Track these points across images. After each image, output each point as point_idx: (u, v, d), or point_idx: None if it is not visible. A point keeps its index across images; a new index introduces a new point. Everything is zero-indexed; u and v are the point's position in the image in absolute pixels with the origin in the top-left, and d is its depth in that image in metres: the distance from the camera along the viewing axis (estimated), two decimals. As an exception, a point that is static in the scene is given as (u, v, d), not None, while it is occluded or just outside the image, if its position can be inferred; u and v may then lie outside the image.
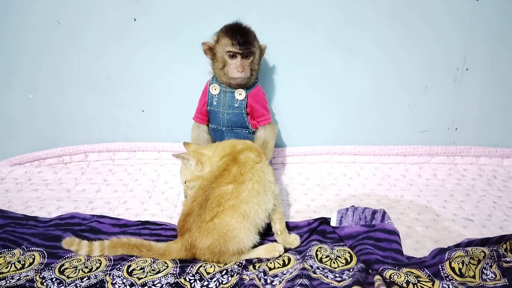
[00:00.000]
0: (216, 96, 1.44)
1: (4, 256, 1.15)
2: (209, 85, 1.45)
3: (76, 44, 1.62)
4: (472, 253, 1.06)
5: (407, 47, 1.64)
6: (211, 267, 1.12)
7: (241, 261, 1.14)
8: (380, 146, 1.72)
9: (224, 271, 1.10)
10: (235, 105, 1.43)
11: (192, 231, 1.12)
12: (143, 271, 1.10)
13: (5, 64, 1.65)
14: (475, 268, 1.06)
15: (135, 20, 1.58)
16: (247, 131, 1.46)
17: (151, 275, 1.09)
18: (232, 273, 1.09)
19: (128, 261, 1.15)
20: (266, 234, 1.24)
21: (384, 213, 1.23)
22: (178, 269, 1.12)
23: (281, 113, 1.72)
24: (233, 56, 1.36)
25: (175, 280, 1.07)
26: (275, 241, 1.24)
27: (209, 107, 1.46)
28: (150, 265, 1.13)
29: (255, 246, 1.17)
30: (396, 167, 1.69)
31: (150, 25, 1.59)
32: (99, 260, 1.16)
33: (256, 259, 1.16)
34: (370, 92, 1.70)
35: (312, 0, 1.57)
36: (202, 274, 1.10)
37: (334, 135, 1.76)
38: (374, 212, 1.24)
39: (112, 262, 1.15)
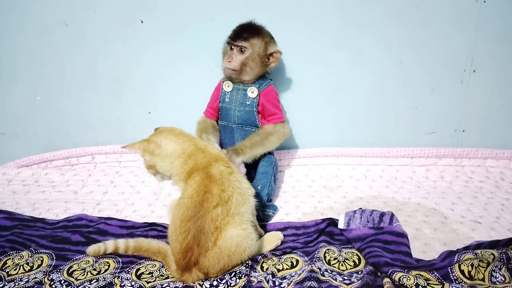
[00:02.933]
0: (229, 93, 1.46)
1: (13, 258, 1.16)
2: (223, 82, 1.47)
3: (83, 45, 1.62)
4: (482, 255, 1.06)
5: (414, 48, 1.63)
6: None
7: (248, 262, 1.13)
8: (387, 148, 1.71)
9: (233, 273, 1.10)
10: (247, 102, 1.44)
11: (200, 263, 1.06)
12: (152, 276, 1.10)
13: (12, 66, 1.65)
14: (485, 270, 1.05)
15: (142, 21, 1.58)
16: (256, 130, 1.47)
17: (159, 279, 1.09)
18: (240, 275, 1.09)
19: (137, 264, 1.15)
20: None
21: (392, 215, 1.23)
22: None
23: (287, 114, 1.72)
24: (231, 49, 1.41)
25: (184, 284, 1.07)
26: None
27: (221, 104, 1.48)
28: (159, 270, 1.13)
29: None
30: (403, 169, 1.69)
31: (157, 26, 1.59)
32: (108, 262, 1.16)
33: (261, 257, 1.16)
34: (376, 93, 1.69)
35: (318, 1, 1.56)
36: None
37: (341, 136, 1.76)
38: (382, 215, 1.24)
39: (121, 265, 1.15)
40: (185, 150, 1.16)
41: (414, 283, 0.98)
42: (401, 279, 1.00)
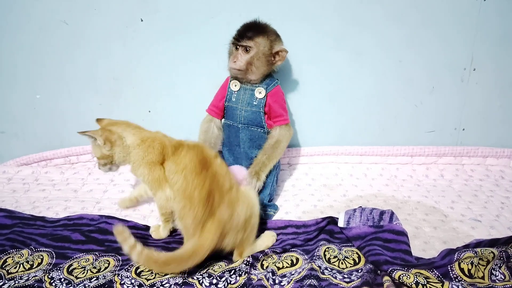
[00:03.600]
0: (236, 92, 1.45)
1: (13, 256, 1.16)
2: (230, 81, 1.46)
3: (83, 44, 1.62)
4: (481, 254, 1.06)
5: (413, 47, 1.63)
6: (218, 267, 1.12)
7: (248, 259, 1.13)
8: (387, 147, 1.71)
9: (233, 271, 1.10)
10: (254, 103, 1.43)
11: (220, 208, 1.10)
12: (151, 273, 1.10)
13: (12, 65, 1.65)
14: (484, 269, 1.05)
15: (142, 20, 1.58)
16: (262, 130, 1.46)
17: (159, 276, 1.09)
18: (240, 273, 1.09)
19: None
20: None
21: (392, 213, 1.23)
22: (186, 274, 1.11)
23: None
24: (236, 48, 1.40)
25: (183, 280, 1.07)
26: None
27: (227, 103, 1.47)
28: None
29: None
30: (403, 168, 1.69)
31: (157, 25, 1.59)
32: (108, 260, 1.16)
33: (261, 254, 1.16)
34: (376, 92, 1.69)
35: (318, 1, 1.57)
36: (211, 272, 1.10)
37: (341, 135, 1.76)
38: (382, 213, 1.24)
39: (121, 263, 1.15)
40: (144, 139, 1.22)
41: (414, 281, 0.99)
42: (401, 277, 1.00)
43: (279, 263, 1.13)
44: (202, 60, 1.62)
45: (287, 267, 1.12)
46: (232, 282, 1.07)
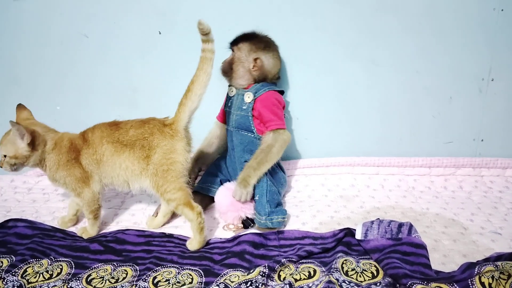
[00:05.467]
0: (232, 98, 1.52)
1: (33, 266, 1.18)
2: (228, 88, 1.53)
3: (103, 57, 1.66)
4: (502, 267, 1.04)
5: (431, 57, 1.62)
6: (235, 277, 1.12)
7: (264, 270, 1.13)
8: (404, 158, 1.70)
9: (249, 282, 1.10)
10: (243, 107, 1.47)
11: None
12: (168, 283, 1.11)
13: (33, 76, 1.69)
14: (506, 283, 1.03)
15: (160, 33, 1.61)
16: (252, 135, 1.48)
17: (176, 287, 1.09)
18: (257, 284, 1.09)
19: (153, 272, 1.15)
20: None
21: (411, 226, 1.22)
22: (203, 284, 1.12)
23: (303, 123, 1.72)
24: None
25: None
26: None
27: (226, 108, 1.54)
28: (175, 277, 1.14)
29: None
30: (421, 179, 1.67)
31: (174, 38, 1.62)
32: (125, 270, 1.17)
33: (278, 265, 1.15)
34: (393, 102, 1.69)
35: (334, 11, 1.57)
36: (227, 283, 1.10)
37: (357, 146, 1.75)
38: (401, 225, 1.23)
39: (138, 273, 1.16)
40: (56, 141, 1.28)
41: (434, 295, 0.97)
42: (420, 291, 0.99)
43: (296, 275, 1.13)
44: (218, 71, 1.63)
45: (304, 279, 1.11)
46: (249, 294, 1.06)
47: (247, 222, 1.38)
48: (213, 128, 1.64)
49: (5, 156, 1.22)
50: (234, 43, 1.48)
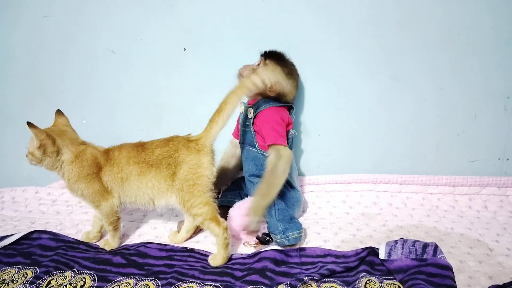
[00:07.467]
0: (241, 114, 1.54)
1: (56, 278, 1.19)
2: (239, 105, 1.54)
3: (128, 72, 1.69)
4: (532, 292, 1.01)
5: (455, 75, 1.61)
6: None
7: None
8: (428, 176, 1.68)
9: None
10: (247, 122, 1.50)
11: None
12: (190, 298, 1.11)
13: (60, 90, 1.73)
14: (535, 308, 1.01)
15: (185, 50, 1.63)
16: (255, 150, 1.48)
17: (198, 303, 1.10)
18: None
19: (175, 287, 1.15)
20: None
21: (436, 246, 1.19)
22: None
23: (325, 139, 1.72)
24: None
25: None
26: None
27: (239, 125, 1.56)
28: (198, 293, 1.14)
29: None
30: (445, 198, 1.64)
31: (199, 55, 1.65)
32: (147, 285, 1.17)
33: (300, 283, 1.13)
34: (416, 119, 1.67)
35: (357, 29, 1.58)
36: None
37: (379, 163, 1.73)
38: (426, 246, 1.20)
39: (160, 287, 1.16)
40: (77, 155, 1.31)
41: (461, 319, 0.95)
42: (447, 314, 0.96)
43: (318, 294, 1.11)
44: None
45: (327, 298, 1.10)
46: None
47: (263, 238, 1.38)
48: (228, 147, 1.65)
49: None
50: (264, 55, 1.49)
